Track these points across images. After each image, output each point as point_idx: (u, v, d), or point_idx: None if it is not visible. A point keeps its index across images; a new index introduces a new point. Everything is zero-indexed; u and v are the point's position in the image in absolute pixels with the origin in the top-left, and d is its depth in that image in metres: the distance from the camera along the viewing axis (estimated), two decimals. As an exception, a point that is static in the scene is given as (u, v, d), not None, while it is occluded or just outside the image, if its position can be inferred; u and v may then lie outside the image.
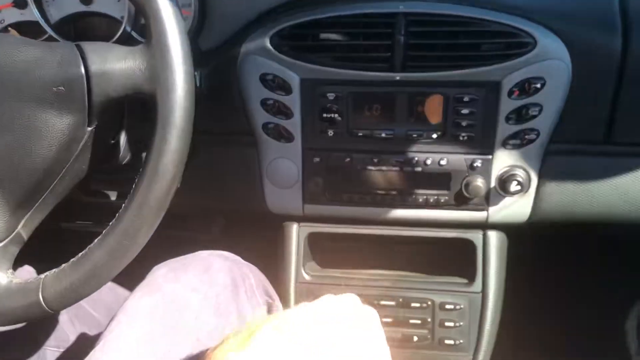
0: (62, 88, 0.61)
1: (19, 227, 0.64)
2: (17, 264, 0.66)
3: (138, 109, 0.80)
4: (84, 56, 0.61)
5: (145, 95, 0.60)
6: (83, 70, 0.61)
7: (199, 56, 0.79)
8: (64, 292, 0.59)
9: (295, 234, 0.96)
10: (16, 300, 0.60)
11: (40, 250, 0.71)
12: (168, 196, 0.59)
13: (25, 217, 0.64)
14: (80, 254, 0.60)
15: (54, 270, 0.61)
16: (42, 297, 0.59)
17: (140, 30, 0.87)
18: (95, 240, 0.60)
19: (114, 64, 0.61)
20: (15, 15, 0.90)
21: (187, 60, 0.60)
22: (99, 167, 0.73)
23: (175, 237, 0.89)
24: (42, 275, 0.60)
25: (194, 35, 0.84)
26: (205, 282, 0.73)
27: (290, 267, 0.96)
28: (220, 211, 0.99)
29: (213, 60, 0.83)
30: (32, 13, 0.88)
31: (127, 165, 0.81)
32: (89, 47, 0.62)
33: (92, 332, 1.02)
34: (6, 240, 0.63)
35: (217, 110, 0.87)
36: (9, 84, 0.61)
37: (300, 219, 0.95)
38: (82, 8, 0.89)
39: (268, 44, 0.81)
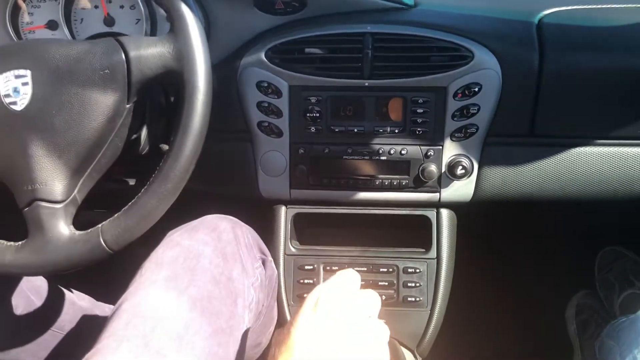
0: (108, 71, 0.71)
1: (75, 191, 0.73)
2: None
3: (157, 108, 0.89)
4: (122, 45, 0.72)
5: (173, 72, 0.71)
6: (123, 56, 0.71)
7: None
8: (120, 234, 0.69)
9: (284, 215, 1.06)
10: (82, 246, 0.70)
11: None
12: (200, 143, 0.70)
13: (79, 183, 0.73)
14: (130, 202, 0.70)
15: (108, 219, 0.70)
16: (103, 240, 0.69)
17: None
18: (142, 190, 0.70)
19: (147, 50, 0.71)
20: (47, 35, 0.98)
21: (204, 42, 0.72)
22: (123, 156, 0.80)
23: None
24: (99, 225, 0.70)
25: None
26: (215, 238, 0.83)
27: (280, 242, 1.06)
28: (218, 196, 1.09)
29: (217, 71, 0.91)
30: (62, 34, 0.97)
31: (146, 156, 0.90)
32: (125, 38, 0.73)
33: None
34: (67, 201, 0.72)
35: (217, 111, 0.99)
36: (65, 72, 0.72)
37: (287, 202, 1.05)
38: (106, 29, 0.97)
39: (263, 57, 0.93)
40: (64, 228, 0.71)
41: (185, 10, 0.71)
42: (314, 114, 0.97)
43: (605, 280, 1.46)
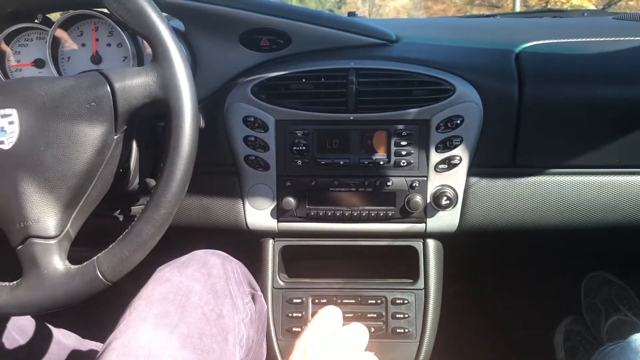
0: (94, 103, 0.71)
1: (68, 225, 0.72)
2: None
3: (144, 142, 0.89)
4: (107, 77, 0.72)
5: (159, 100, 0.71)
6: (108, 88, 0.71)
7: None
8: (117, 264, 0.68)
9: (271, 248, 1.06)
10: (78, 280, 0.69)
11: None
12: (190, 166, 0.70)
13: (72, 217, 0.73)
14: (124, 232, 0.70)
15: (103, 251, 0.70)
16: (100, 272, 0.68)
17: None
18: (136, 219, 0.69)
19: (132, 80, 0.71)
20: (34, 73, 0.98)
21: (187, 68, 0.72)
22: (112, 191, 0.80)
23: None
24: (94, 257, 0.70)
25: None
26: (205, 274, 0.83)
27: (268, 276, 1.06)
28: (203, 229, 1.08)
29: (203, 108, 0.94)
30: (49, 71, 0.96)
31: (135, 192, 0.91)
32: (109, 71, 0.73)
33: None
34: (60, 236, 0.71)
35: (204, 146, 0.99)
36: (50, 108, 0.72)
37: (275, 234, 1.05)
38: (93, 67, 0.97)
39: (249, 93, 0.95)
40: (59, 263, 0.71)
41: (166, 38, 0.71)
42: (301, 147, 0.98)
43: (591, 306, 1.47)
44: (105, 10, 0.93)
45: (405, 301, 1.05)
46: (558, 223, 1.01)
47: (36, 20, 0.96)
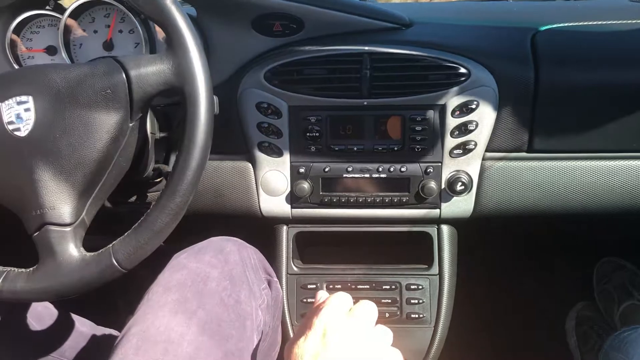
0: (110, 91, 0.71)
1: (83, 213, 0.73)
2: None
3: (159, 129, 0.89)
4: (122, 65, 0.72)
5: (175, 88, 0.70)
6: (124, 75, 0.71)
7: None
8: (132, 252, 0.68)
9: (285, 234, 1.07)
10: (94, 267, 0.69)
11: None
12: (206, 154, 0.70)
13: (87, 205, 0.73)
14: (140, 219, 0.70)
15: (118, 239, 0.70)
16: (115, 259, 0.68)
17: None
18: (151, 206, 0.69)
19: (147, 68, 0.71)
20: (46, 60, 0.98)
21: (203, 55, 0.71)
22: (127, 178, 0.80)
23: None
24: (110, 245, 0.70)
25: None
26: (221, 260, 0.84)
27: (282, 262, 1.07)
28: (218, 216, 1.08)
29: (217, 94, 0.92)
30: (61, 58, 0.97)
31: (149, 179, 0.91)
32: (124, 58, 0.73)
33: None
34: (75, 223, 0.72)
35: (218, 132, 1.00)
36: (66, 95, 0.72)
37: (289, 221, 1.06)
38: (105, 54, 0.97)
39: (262, 79, 0.94)
40: (74, 250, 0.71)
41: (181, 25, 0.70)
42: (314, 134, 0.97)
43: (604, 292, 1.47)
44: (117, -4, 0.95)
45: (420, 287, 1.05)
46: (573, 208, 1.00)
47: (48, 7, 0.97)
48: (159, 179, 0.96)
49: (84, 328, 1.08)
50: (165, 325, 0.71)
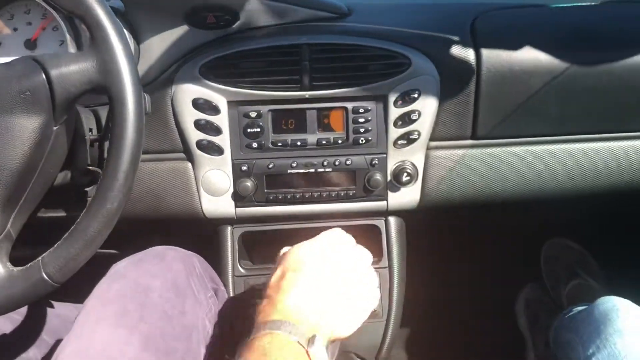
0: (29, 93, 0.66)
1: (8, 225, 0.68)
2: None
3: (86, 131, 0.84)
4: (41, 64, 0.66)
5: (99, 87, 0.66)
6: (44, 76, 0.66)
7: None
8: (64, 264, 0.64)
9: (230, 234, 1.04)
10: (22, 283, 0.65)
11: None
12: (137, 156, 0.66)
13: (12, 216, 0.68)
14: (71, 229, 0.65)
15: (48, 250, 0.65)
16: (45, 273, 0.64)
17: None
18: (82, 214, 0.65)
19: (69, 66, 0.66)
20: None
21: (128, 51, 0.67)
22: (58, 183, 0.77)
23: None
24: (39, 258, 0.65)
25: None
26: (163, 269, 0.80)
27: (227, 264, 1.04)
28: (158, 221, 1.05)
29: (149, 91, 0.90)
30: None
31: (83, 183, 0.86)
32: (43, 57, 0.67)
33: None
34: (0, 236, 0.67)
35: (153, 132, 0.95)
36: None
37: (233, 221, 1.03)
38: (28, 53, 0.90)
39: (197, 73, 0.90)
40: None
41: (104, 19, 0.66)
42: (255, 129, 0.95)
43: (551, 272, 1.50)
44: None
45: None
46: (518, 193, 1.01)
47: (-41, 5, 0.90)
48: (93, 184, 0.91)
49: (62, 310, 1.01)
50: (105, 342, 0.67)
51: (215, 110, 0.93)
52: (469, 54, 0.92)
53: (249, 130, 0.95)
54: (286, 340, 0.59)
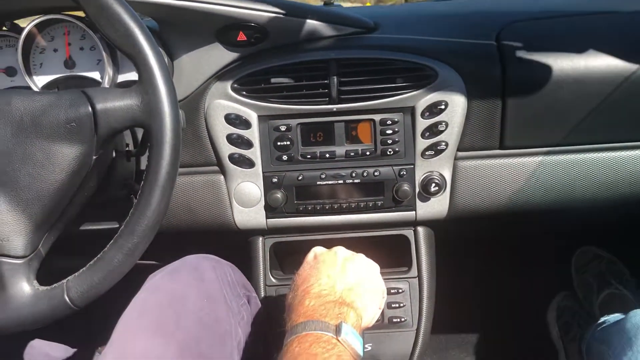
0: (74, 124, 0.69)
1: (40, 245, 0.71)
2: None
3: (124, 155, 0.88)
4: (89, 98, 0.69)
5: (142, 125, 0.69)
6: (90, 109, 0.69)
7: None
8: (86, 290, 0.67)
9: (261, 245, 1.06)
10: (46, 303, 0.68)
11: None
12: (167, 198, 0.68)
13: (44, 237, 0.71)
14: (97, 257, 0.68)
15: (74, 274, 0.68)
16: (68, 297, 0.67)
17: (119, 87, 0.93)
18: (109, 244, 0.68)
19: (115, 102, 0.69)
20: (6, 82, 0.96)
21: (172, 93, 0.69)
22: (92, 202, 0.79)
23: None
24: (64, 280, 0.68)
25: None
26: (197, 279, 0.82)
27: (259, 274, 1.05)
28: (196, 235, 1.07)
29: (184, 108, 0.93)
30: (22, 80, 0.93)
31: (121, 198, 0.90)
32: (92, 91, 0.70)
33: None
34: (30, 256, 0.70)
35: (187, 146, 0.97)
36: (29, 125, 0.69)
37: (264, 232, 1.05)
38: (67, 72, 0.95)
39: (230, 90, 0.93)
40: (26, 285, 0.69)
41: (152, 60, 0.68)
42: (285, 142, 0.97)
43: (583, 281, 1.48)
44: (76, 13, 0.92)
45: (400, 290, 1.05)
46: (547, 203, 1.01)
47: (4, 28, 0.94)
48: (131, 197, 0.94)
49: (56, 354, 1.05)
50: (143, 350, 0.69)
51: (246, 124, 0.95)
52: (495, 65, 0.93)
53: (279, 143, 0.97)
54: (315, 338, 0.63)
